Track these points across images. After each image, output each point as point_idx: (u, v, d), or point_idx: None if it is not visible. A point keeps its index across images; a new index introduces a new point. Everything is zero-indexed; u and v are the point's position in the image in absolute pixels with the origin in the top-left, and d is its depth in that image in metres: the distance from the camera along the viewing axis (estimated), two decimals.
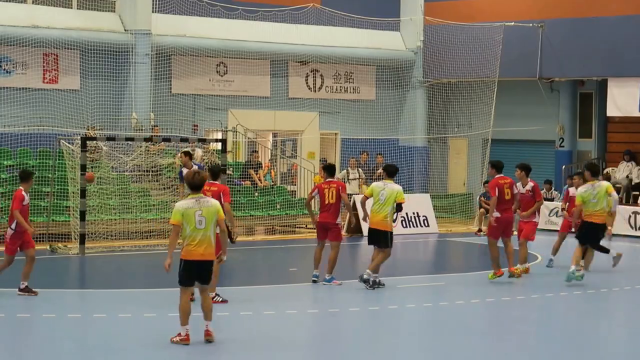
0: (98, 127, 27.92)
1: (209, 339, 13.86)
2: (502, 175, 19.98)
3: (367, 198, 19.05)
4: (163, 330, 15.15)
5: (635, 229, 29.08)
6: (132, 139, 26.28)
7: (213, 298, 16.33)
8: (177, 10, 30.13)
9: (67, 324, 15.65)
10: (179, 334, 13.82)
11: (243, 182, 29.72)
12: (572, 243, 20.51)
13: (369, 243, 19.02)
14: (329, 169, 19.57)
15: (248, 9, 31.17)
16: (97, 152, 25.71)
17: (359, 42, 33.55)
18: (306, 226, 30.05)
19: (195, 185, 13.86)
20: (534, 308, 18.00)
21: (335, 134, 33.74)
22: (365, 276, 18.62)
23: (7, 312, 16.12)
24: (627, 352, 14.75)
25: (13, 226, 17.42)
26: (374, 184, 19.26)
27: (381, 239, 18.72)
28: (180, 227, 13.65)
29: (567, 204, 22.56)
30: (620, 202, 30.48)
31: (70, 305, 17.30)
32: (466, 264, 25.41)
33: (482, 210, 30.12)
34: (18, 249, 17.50)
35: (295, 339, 15.14)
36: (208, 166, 23.17)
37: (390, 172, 19.07)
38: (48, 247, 24.06)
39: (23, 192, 17.48)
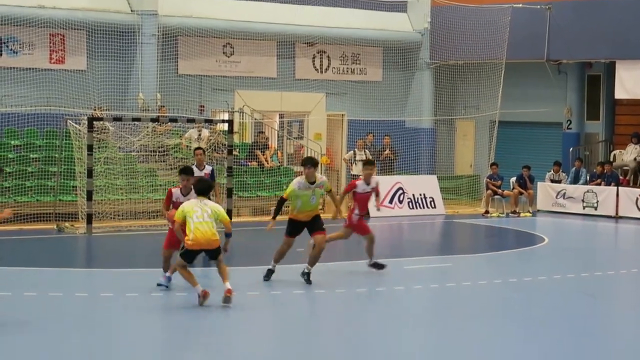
0: (105, 108, 27.92)
1: None
2: None
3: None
4: (167, 309, 15.17)
5: None
6: (138, 120, 26.27)
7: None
8: None
9: (74, 303, 15.66)
10: None
11: (249, 163, 29.70)
12: None
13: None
14: None
15: None
16: (104, 132, 25.72)
17: (366, 24, 33.46)
18: None
19: None
20: (542, 290, 17.95)
21: (342, 115, 33.68)
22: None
23: (14, 291, 16.16)
24: (636, 334, 14.74)
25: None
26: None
27: None
28: None
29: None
30: (628, 185, 30.48)
31: (78, 284, 17.32)
32: (473, 245, 25.39)
33: (489, 192, 30.13)
34: None
35: (298, 320, 15.17)
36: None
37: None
38: (55, 226, 24.13)
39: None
